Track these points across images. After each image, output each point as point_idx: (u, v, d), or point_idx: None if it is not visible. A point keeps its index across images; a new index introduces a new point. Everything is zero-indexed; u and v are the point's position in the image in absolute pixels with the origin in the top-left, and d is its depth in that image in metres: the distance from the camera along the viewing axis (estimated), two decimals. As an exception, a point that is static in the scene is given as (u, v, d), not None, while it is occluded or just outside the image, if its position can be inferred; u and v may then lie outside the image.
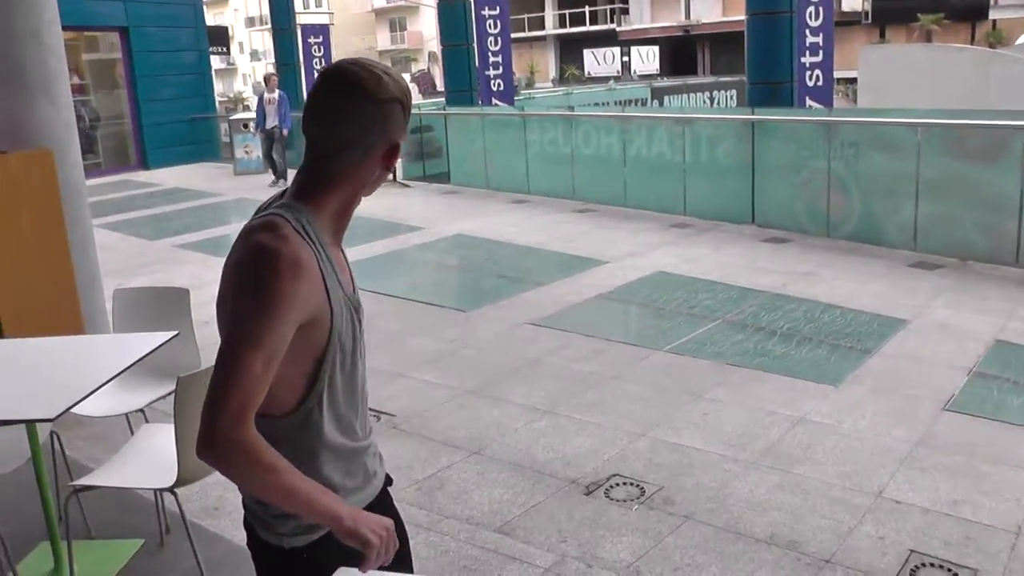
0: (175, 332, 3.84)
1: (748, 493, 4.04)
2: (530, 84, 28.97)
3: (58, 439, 3.86)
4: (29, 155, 5.15)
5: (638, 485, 4.18)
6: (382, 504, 2.03)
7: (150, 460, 3.48)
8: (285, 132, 15.17)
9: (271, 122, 15.11)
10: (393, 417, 5.20)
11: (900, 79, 15.94)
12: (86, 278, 5.54)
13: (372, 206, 12.93)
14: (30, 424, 3.30)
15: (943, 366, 5.55)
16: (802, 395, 5.15)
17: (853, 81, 21.89)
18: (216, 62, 35.41)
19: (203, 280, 9.00)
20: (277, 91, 15.46)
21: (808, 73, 11.82)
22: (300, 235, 1.70)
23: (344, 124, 1.75)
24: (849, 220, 8.88)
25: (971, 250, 7.87)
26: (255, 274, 1.63)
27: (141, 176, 17.96)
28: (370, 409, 5.36)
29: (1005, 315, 6.48)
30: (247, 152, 17.26)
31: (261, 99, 15.52)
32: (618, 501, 4.05)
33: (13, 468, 3.56)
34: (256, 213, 1.81)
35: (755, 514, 3.85)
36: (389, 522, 1.78)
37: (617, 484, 4.21)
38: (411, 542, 3.76)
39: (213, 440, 1.60)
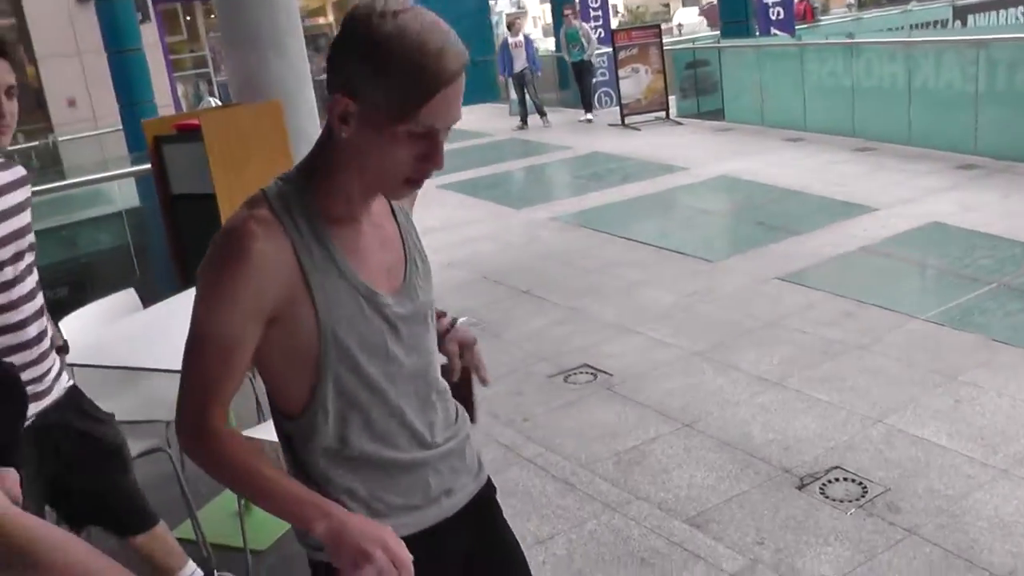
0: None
1: (993, 510, 3.36)
2: (825, 11, 26.83)
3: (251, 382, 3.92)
4: (258, 107, 5.29)
5: (861, 483, 3.63)
6: (476, 523, 1.75)
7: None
8: (539, 73, 15.52)
9: (519, 65, 15.21)
10: (610, 377, 4.92)
11: None
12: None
13: (637, 145, 12.75)
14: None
15: None
16: (1084, 387, 4.30)
17: None
18: (505, 6, 36.25)
19: (454, 221, 9.10)
20: (521, 34, 15.50)
21: None
22: (275, 214, 1.47)
23: (330, 78, 1.45)
24: None
25: None
26: (207, 256, 1.46)
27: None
28: (588, 366, 5.16)
29: None
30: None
31: (505, 44, 15.54)
32: (833, 500, 3.54)
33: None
34: None
35: (997, 539, 3.19)
36: (387, 541, 1.46)
37: (836, 479, 3.68)
38: (593, 522, 3.52)
39: (179, 433, 1.53)
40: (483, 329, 5.62)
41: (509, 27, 15.93)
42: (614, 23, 19.96)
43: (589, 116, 15.17)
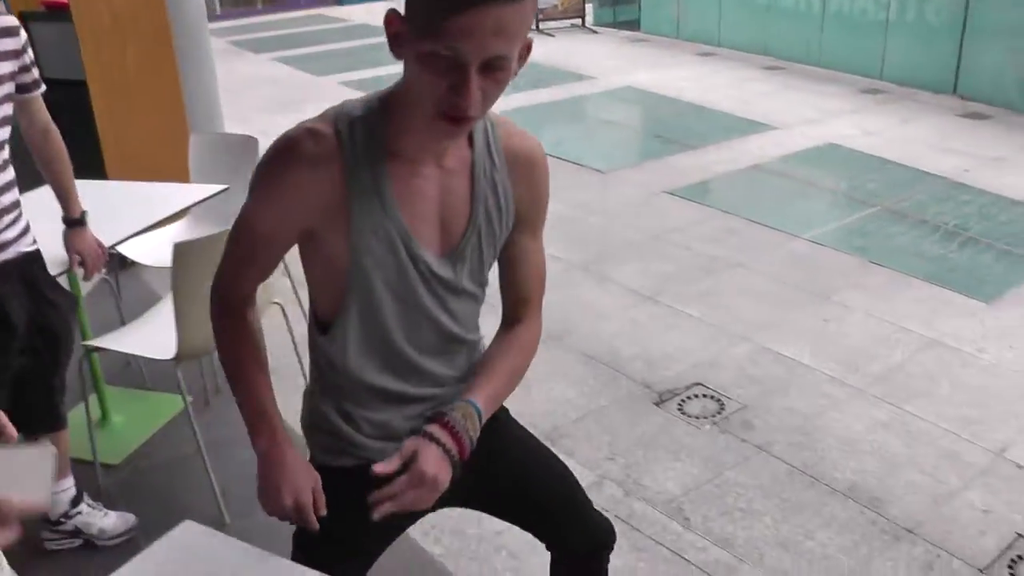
0: (226, 186, 3.55)
1: (844, 429, 3.35)
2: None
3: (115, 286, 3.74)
4: None
5: (719, 400, 3.58)
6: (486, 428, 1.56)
7: (166, 327, 3.19)
8: None
9: None
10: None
11: None
12: (203, 119, 5.25)
13: (549, 51, 12.32)
14: (69, 272, 3.06)
15: None
16: (946, 310, 4.30)
17: None
18: None
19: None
20: None
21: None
22: (336, 132, 1.37)
23: None
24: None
25: None
26: (263, 155, 1.43)
27: (335, 11, 17.81)
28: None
29: None
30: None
31: None
32: (689, 417, 3.48)
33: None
34: None
35: (842, 456, 3.18)
36: (300, 497, 1.47)
37: (695, 396, 3.63)
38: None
39: (210, 306, 1.58)
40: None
41: None
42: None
43: None
